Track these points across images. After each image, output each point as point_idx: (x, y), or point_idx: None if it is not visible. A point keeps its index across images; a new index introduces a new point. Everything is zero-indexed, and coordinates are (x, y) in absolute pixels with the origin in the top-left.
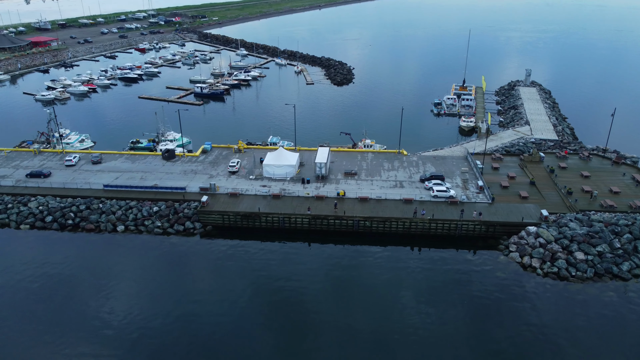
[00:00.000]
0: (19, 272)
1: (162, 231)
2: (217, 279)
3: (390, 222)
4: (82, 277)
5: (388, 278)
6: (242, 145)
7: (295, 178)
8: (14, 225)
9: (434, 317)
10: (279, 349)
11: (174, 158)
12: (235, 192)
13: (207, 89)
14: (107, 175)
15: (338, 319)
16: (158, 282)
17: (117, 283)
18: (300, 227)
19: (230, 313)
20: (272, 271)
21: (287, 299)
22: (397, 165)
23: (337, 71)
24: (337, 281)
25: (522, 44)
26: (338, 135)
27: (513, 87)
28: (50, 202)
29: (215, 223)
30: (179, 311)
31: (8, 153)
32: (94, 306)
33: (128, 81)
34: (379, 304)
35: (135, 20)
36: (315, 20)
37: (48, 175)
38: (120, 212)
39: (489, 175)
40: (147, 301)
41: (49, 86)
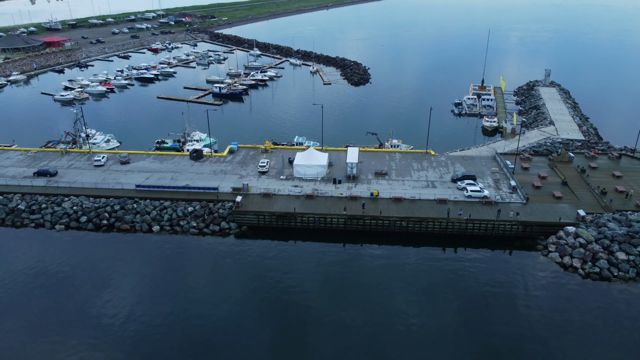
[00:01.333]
0: (59, 272)
1: (198, 231)
2: (257, 278)
3: (426, 222)
4: (122, 277)
5: (428, 278)
6: (269, 145)
7: (325, 178)
8: (49, 226)
9: (479, 317)
10: (326, 349)
11: (201, 158)
12: (268, 192)
13: (226, 89)
14: (137, 176)
15: (380, 318)
16: (200, 282)
17: (156, 283)
18: (336, 227)
19: (269, 312)
20: (310, 271)
21: (326, 298)
22: (427, 166)
23: (354, 71)
24: (376, 281)
25: (535, 44)
26: (363, 135)
27: (532, 87)
28: (84, 202)
29: (250, 223)
30: (221, 311)
31: (35, 153)
32: (135, 306)
33: (144, 81)
34: (420, 303)
35: (144, 21)
36: (324, 21)
37: (54, 174)
38: (155, 213)
39: (519, 175)
40: (189, 301)
41: (66, 86)
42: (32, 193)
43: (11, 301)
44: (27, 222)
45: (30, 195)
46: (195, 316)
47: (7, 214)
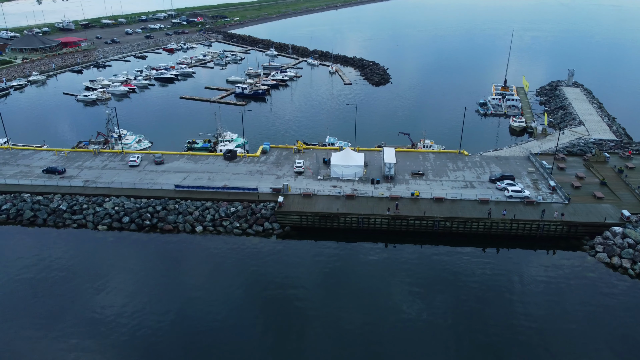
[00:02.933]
0: (107, 273)
1: (242, 232)
2: (307, 278)
3: (470, 223)
4: (170, 277)
5: (475, 278)
6: (302, 145)
7: (363, 178)
8: (91, 226)
9: (530, 318)
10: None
11: (235, 159)
12: (308, 192)
13: (248, 89)
14: (174, 176)
15: (428, 319)
16: (248, 282)
17: (204, 283)
18: (379, 228)
19: (323, 310)
20: (356, 271)
21: (372, 297)
22: (462, 166)
23: (373, 71)
24: (423, 281)
25: (550, 44)
26: (392, 136)
27: (556, 87)
28: (125, 202)
29: (292, 223)
30: (273, 310)
31: (68, 153)
32: (186, 305)
33: (164, 81)
34: (467, 304)
35: (156, 21)
36: (335, 20)
37: (63, 172)
38: (197, 213)
39: (556, 176)
40: (237, 299)
41: (87, 86)
42: (72, 193)
43: (62, 301)
44: (69, 222)
45: (70, 195)
46: (247, 316)
47: (48, 214)
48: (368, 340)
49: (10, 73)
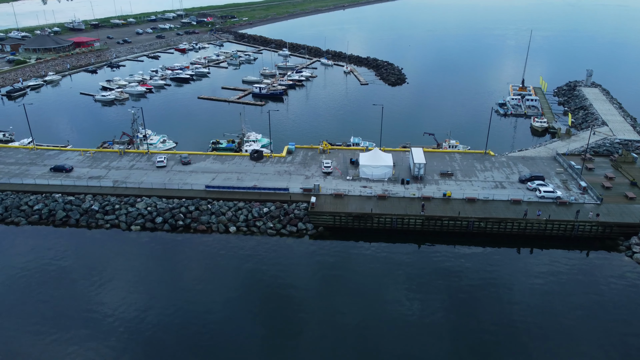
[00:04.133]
0: (145, 274)
1: (275, 232)
2: (349, 280)
3: (505, 223)
4: (207, 278)
5: (513, 279)
6: (327, 145)
7: (392, 178)
8: (124, 227)
9: (574, 318)
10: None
11: (262, 159)
12: (340, 192)
13: (266, 89)
14: (202, 176)
15: (468, 320)
16: (288, 282)
17: (240, 283)
18: (413, 228)
19: (354, 311)
20: (391, 272)
21: (409, 297)
22: (489, 166)
23: (389, 72)
24: (460, 281)
25: (562, 44)
26: (414, 136)
27: (574, 87)
28: (157, 202)
29: (326, 224)
30: (311, 310)
31: (93, 154)
32: (223, 306)
33: (179, 81)
34: (503, 305)
35: (165, 21)
36: (343, 20)
37: (70, 170)
38: (230, 213)
39: (585, 176)
40: (277, 299)
41: (103, 86)
42: (103, 194)
43: (101, 301)
44: (102, 222)
45: (101, 195)
46: (290, 316)
47: (81, 214)
48: (416, 341)
49: (26, 73)
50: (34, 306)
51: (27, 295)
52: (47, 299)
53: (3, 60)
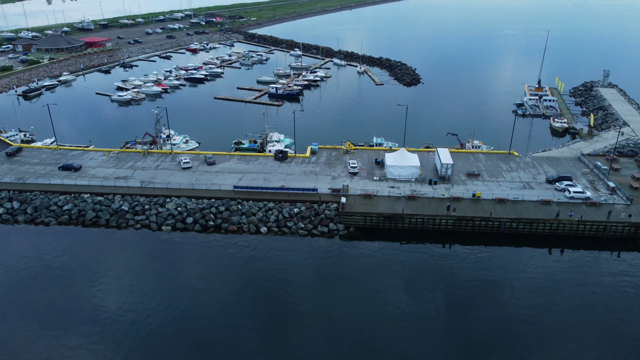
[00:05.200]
0: (181, 275)
1: (307, 233)
2: (387, 281)
3: (537, 224)
4: (243, 278)
5: (547, 280)
6: (350, 146)
7: (419, 179)
8: (155, 227)
9: (606, 318)
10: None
11: (286, 159)
12: (369, 193)
13: (282, 90)
14: (229, 176)
15: (497, 323)
16: (326, 283)
17: (273, 284)
18: (444, 229)
19: (385, 312)
20: (425, 272)
21: (446, 298)
22: (515, 166)
23: (403, 72)
24: (491, 282)
25: (572, 44)
26: (436, 136)
27: (590, 88)
28: (187, 203)
29: (356, 224)
30: (344, 311)
31: (117, 154)
32: (244, 309)
33: (194, 81)
34: (543, 305)
35: (174, 21)
36: (350, 20)
37: (79, 168)
38: (260, 214)
39: (612, 177)
40: (318, 300)
41: (118, 86)
42: (131, 194)
43: (135, 301)
44: (132, 223)
45: (130, 196)
46: (321, 318)
47: (110, 215)
48: (459, 343)
49: (40, 73)
50: (72, 306)
51: (64, 295)
52: (84, 298)
53: (16, 60)
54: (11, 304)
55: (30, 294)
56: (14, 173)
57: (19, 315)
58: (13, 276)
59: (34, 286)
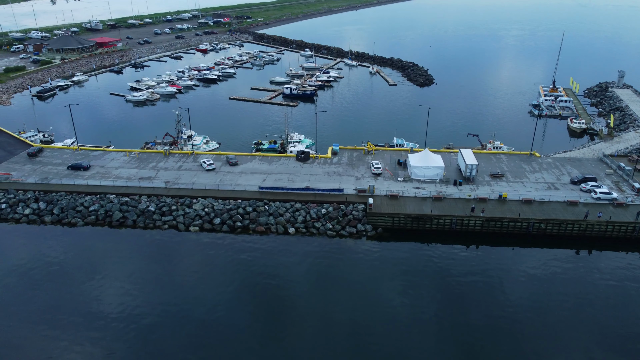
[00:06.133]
0: (213, 277)
1: (335, 233)
2: (412, 280)
3: (565, 225)
4: (275, 279)
5: (577, 281)
6: (372, 146)
7: (444, 180)
8: (183, 228)
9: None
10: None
11: (308, 160)
12: (394, 194)
13: (296, 90)
14: (253, 177)
15: (540, 326)
16: (357, 284)
17: (300, 285)
18: (472, 229)
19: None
20: (458, 274)
21: (483, 299)
22: (537, 167)
23: (416, 72)
24: (522, 284)
25: (581, 45)
26: (456, 136)
27: (605, 88)
28: (214, 203)
29: (384, 225)
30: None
31: (139, 154)
32: (280, 311)
33: (207, 82)
34: (573, 307)
35: (182, 21)
36: (357, 21)
37: (88, 167)
38: (288, 214)
39: (636, 177)
40: (345, 301)
41: (132, 87)
42: (157, 194)
43: (170, 302)
44: (160, 223)
45: (156, 196)
46: (358, 317)
47: (138, 215)
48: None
49: (52, 73)
50: (104, 306)
51: (97, 295)
52: (118, 298)
53: (28, 61)
54: (43, 304)
55: (61, 294)
56: (37, 173)
57: (49, 316)
58: (45, 276)
59: (67, 286)
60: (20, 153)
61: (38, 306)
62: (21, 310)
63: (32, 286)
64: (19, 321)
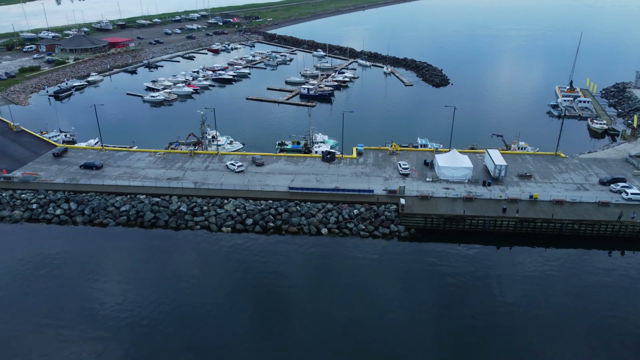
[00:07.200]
0: (250, 278)
1: (368, 234)
2: (451, 282)
3: (599, 225)
4: (316, 280)
5: (610, 282)
6: (396, 147)
7: (472, 180)
8: (215, 228)
9: None
10: None
11: (334, 160)
12: (425, 194)
13: (313, 90)
14: (280, 177)
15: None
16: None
17: (342, 285)
18: (505, 230)
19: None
20: (495, 274)
21: (522, 299)
22: (564, 168)
23: (431, 73)
24: (564, 285)
25: (592, 46)
26: (477, 137)
27: (623, 89)
28: (245, 204)
29: (417, 226)
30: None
31: (164, 155)
32: (315, 312)
33: (222, 82)
34: (613, 308)
35: (190, 21)
36: (364, 21)
37: (100, 167)
38: (320, 215)
39: None
40: (379, 303)
41: (148, 87)
42: (187, 195)
43: (201, 303)
44: (192, 224)
45: (187, 197)
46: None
47: (169, 216)
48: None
49: (67, 73)
50: (137, 307)
51: (132, 295)
52: (152, 299)
53: (42, 61)
54: (80, 303)
55: (99, 293)
56: (64, 174)
57: (88, 315)
58: (82, 276)
59: (104, 286)
60: (45, 153)
61: (75, 306)
62: (57, 310)
63: (68, 285)
64: (59, 321)
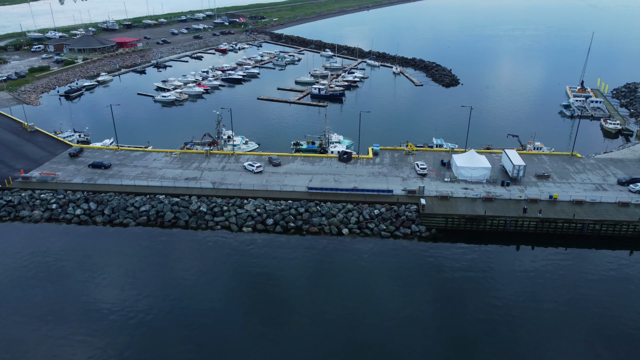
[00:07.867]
0: (273, 278)
1: (389, 234)
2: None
3: (620, 226)
4: (321, 280)
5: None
6: (412, 147)
7: (490, 180)
8: (235, 228)
9: None
10: None
11: (350, 160)
12: (445, 194)
13: (324, 90)
14: (298, 177)
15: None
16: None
17: (359, 286)
18: (526, 230)
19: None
20: (519, 274)
21: (545, 299)
22: (581, 168)
23: (441, 73)
24: (590, 285)
25: (600, 45)
26: (492, 137)
27: (634, 89)
28: (265, 204)
29: (437, 226)
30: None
31: (180, 155)
32: (338, 313)
33: (232, 82)
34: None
35: (196, 21)
36: (369, 21)
37: (109, 166)
38: (341, 215)
39: None
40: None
41: (158, 87)
42: (206, 195)
43: (224, 308)
44: (212, 224)
45: (206, 197)
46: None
47: (189, 216)
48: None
49: (76, 73)
50: (161, 306)
51: (153, 295)
52: (172, 301)
53: (50, 61)
54: (106, 304)
55: (123, 294)
56: (81, 174)
57: (100, 316)
58: (103, 276)
59: (128, 286)
60: (61, 153)
61: (99, 306)
62: (78, 310)
63: (93, 285)
64: (81, 322)
